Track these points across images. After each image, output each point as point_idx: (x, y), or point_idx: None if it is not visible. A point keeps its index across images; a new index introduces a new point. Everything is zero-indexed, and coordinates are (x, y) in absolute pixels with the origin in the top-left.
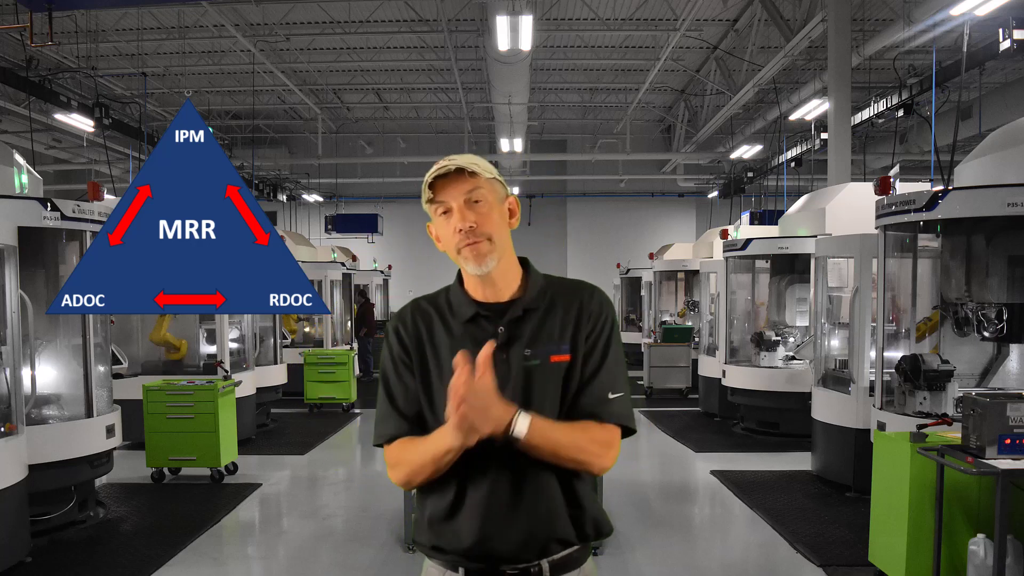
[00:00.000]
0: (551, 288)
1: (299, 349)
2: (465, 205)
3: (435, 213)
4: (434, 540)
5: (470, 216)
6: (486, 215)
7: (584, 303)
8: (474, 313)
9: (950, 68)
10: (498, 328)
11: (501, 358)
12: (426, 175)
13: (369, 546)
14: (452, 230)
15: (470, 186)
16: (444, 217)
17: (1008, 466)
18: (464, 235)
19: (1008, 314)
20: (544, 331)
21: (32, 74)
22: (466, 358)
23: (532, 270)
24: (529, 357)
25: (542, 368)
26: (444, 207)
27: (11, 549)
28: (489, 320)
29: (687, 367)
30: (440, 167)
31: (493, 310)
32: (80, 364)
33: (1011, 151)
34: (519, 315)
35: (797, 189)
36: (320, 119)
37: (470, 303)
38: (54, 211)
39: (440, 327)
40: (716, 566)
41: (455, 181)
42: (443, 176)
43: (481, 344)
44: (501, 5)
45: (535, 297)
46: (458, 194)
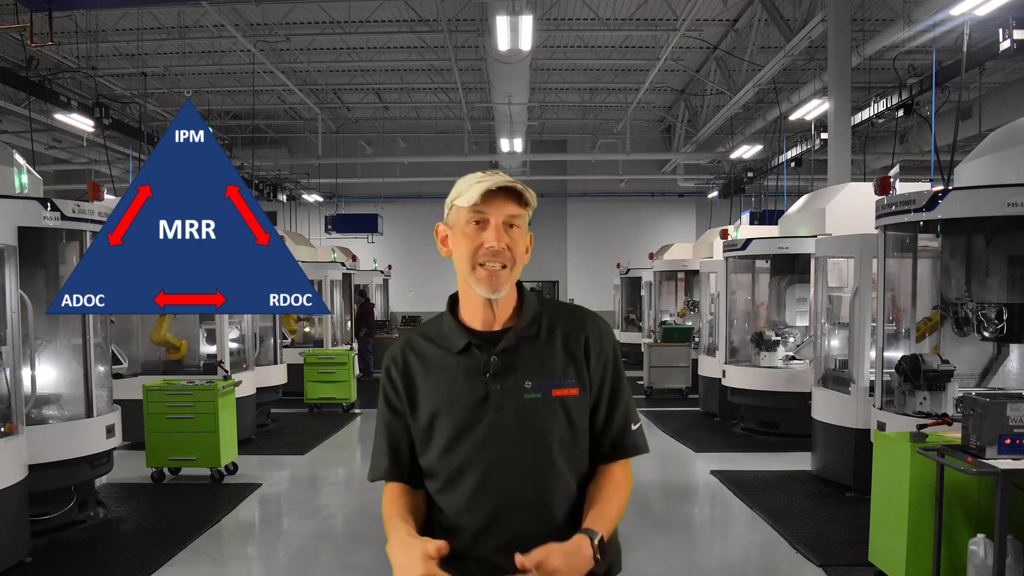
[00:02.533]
0: (547, 313)
1: (299, 349)
2: (503, 225)
3: (465, 220)
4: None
5: (504, 238)
6: (517, 242)
7: (590, 335)
8: (466, 343)
9: (950, 68)
10: (491, 357)
11: (495, 388)
12: (475, 180)
13: (369, 546)
14: (479, 244)
15: (515, 210)
16: (477, 228)
17: (1008, 466)
18: (492, 255)
19: (1008, 314)
20: (544, 363)
21: (32, 74)
22: (521, 562)
23: (526, 295)
24: (529, 390)
25: (543, 402)
26: (482, 218)
27: (11, 549)
28: (481, 350)
29: (687, 367)
30: (500, 181)
31: (485, 339)
32: (80, 364)
33: (1011, 151)
34: (513, 344)
35: (797, 189)
36: (320, 119)
37: (462, 332)
38: (54, 211)
39: (433, 358)
40: (716, 566)
41: (503, 199)
42: (492, 190)
43: (473, 375)
44: (501, 5)
45: (528, 324)
46: (500, 212)
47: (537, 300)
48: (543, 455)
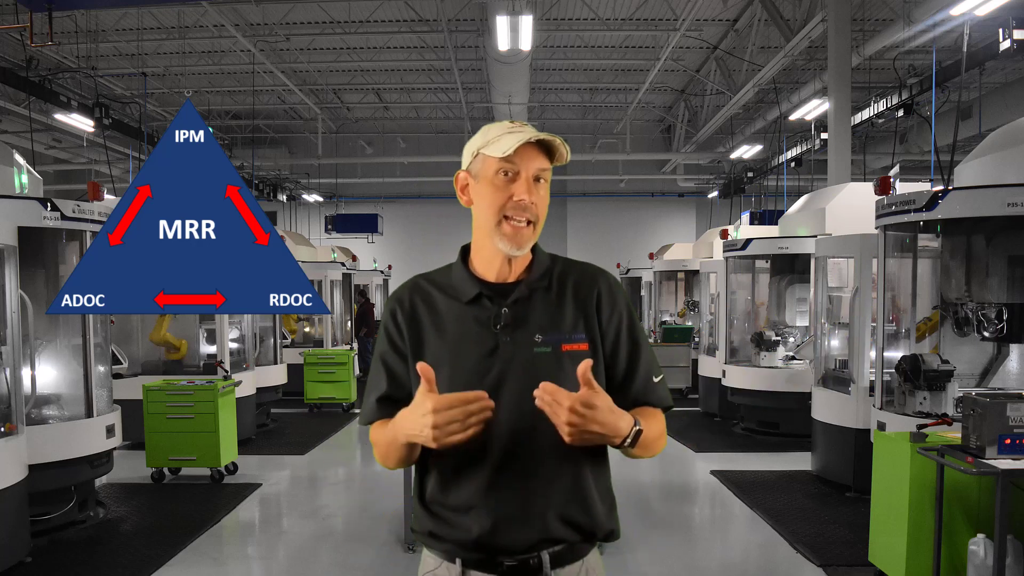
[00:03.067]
0: (557, 268)
1: (299, 349)
2: (533, 179)
3: (494, 171)
4: (434, 528)
5: (534, 193)
6: (544, 198)
7: (600, 290)
8: (477, 293)
9: (950, 68)
10: (502, 309)
11: (505, 340)
12: (506, 129)
13: (369, 546)
14: (508, 196)
15: (544, 164)
16: (506, 179)
17: (1008, 466)
18: (520, 208)
19: (1008, 314)
20: (554, 317)
21: (32, 74)
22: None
23: (538, 249)
24: (540, 343)
25: (553, 356)
26: (513, 169)
27: (11, 549)
28: (492, 301)
29: (687, 367)
30: (537, 135)
31: (496, 290)
32: (80, 364)
33: (1011, 151)
34: (525, 295)
35: (797, 189)
36: (320, 119)
37: (473, 282)
38: (54, 211)
39: (441, 306)
40: (716, 566)
41: (534, 152)
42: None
43: (484, 325)
44: (501, 5)
45: (540, 277)
46: (532, 166)
47: (548, 255)
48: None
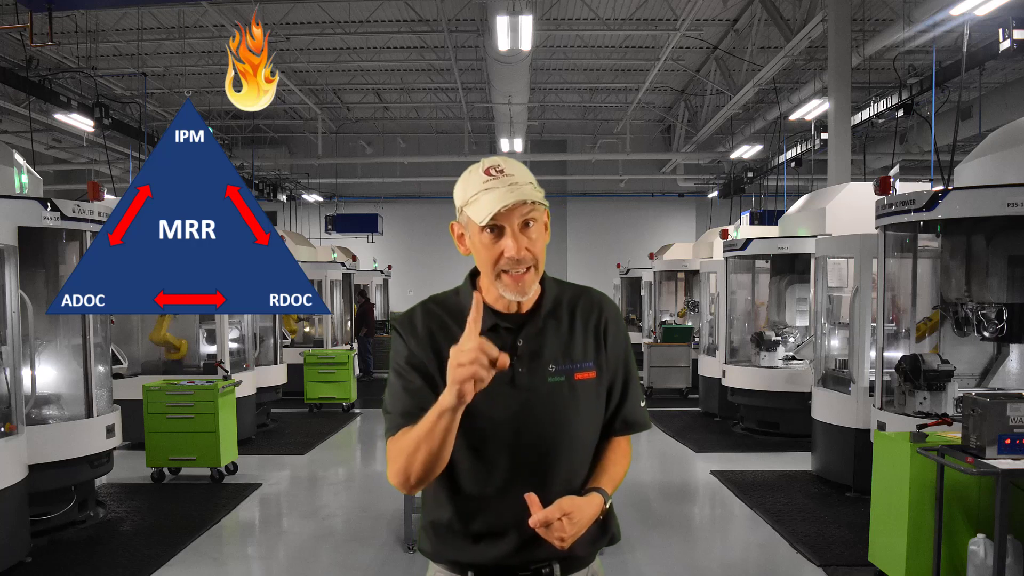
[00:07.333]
0: (566, 296)
1: (299, 349)
2: (519, 228)
3: (479, 231)
4: (452, 554)
5: (523, 241)
6: (536, 239)
7: (608, 318)
8: (493, 324)
9: (950, 68)
10: (517, 341)
11: (519, 372)
12: (482, 186)
13: (369, 546)
14: (498, 253)
15: (528, 209)
16: (491, 236)
17: (1008, 466)
18: (514, 263)
19: (1008, 314)
20: (566, 347)
21: (32, 74)
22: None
23: (547, 278)
24: (553, 373)
25: (566, 385)
26: (499, 226)
27: (11, 549)
28: (508, 332)
29: (687, 367)
30: (511, 198)
31: (510, 320)
32: (80, 364)
33: (1011, 151)
34: (540, 327)
35: (797, 189)
36: (320, 119)
37: (488, 313)
38: (54, 211)
39: (457, 334)
40: (716, 566)
41: (516, 205)
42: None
43: None
44: (501, 5)
45: (551, 310)
46: (515, 218)
47: (555, 283)
48: (567, 438)
